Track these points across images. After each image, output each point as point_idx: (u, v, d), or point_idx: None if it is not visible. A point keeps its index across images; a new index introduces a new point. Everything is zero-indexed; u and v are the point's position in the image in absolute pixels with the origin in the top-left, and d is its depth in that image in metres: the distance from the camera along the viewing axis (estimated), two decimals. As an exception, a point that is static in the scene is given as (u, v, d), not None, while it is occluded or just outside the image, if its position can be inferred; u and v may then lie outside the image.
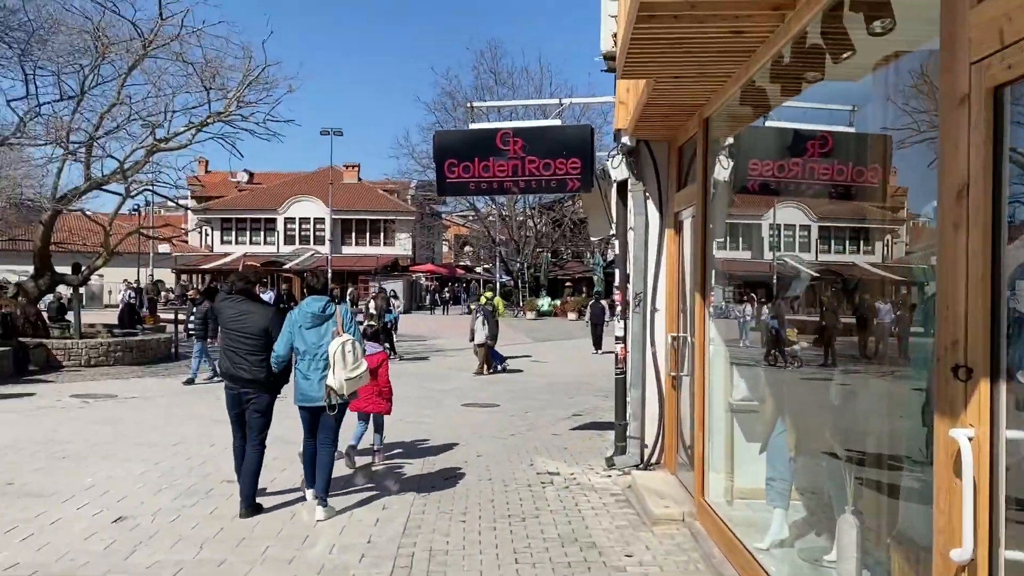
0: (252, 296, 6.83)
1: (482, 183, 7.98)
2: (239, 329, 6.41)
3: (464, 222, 64.12)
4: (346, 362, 6.16)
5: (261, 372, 6.35)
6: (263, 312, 6.61)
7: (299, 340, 6.34)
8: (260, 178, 68.03)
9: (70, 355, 16.46)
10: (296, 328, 6.36)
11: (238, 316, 6.46)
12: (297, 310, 6.52)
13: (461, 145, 8.02)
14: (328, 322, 6.36)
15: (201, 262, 57.02)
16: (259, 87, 17.81)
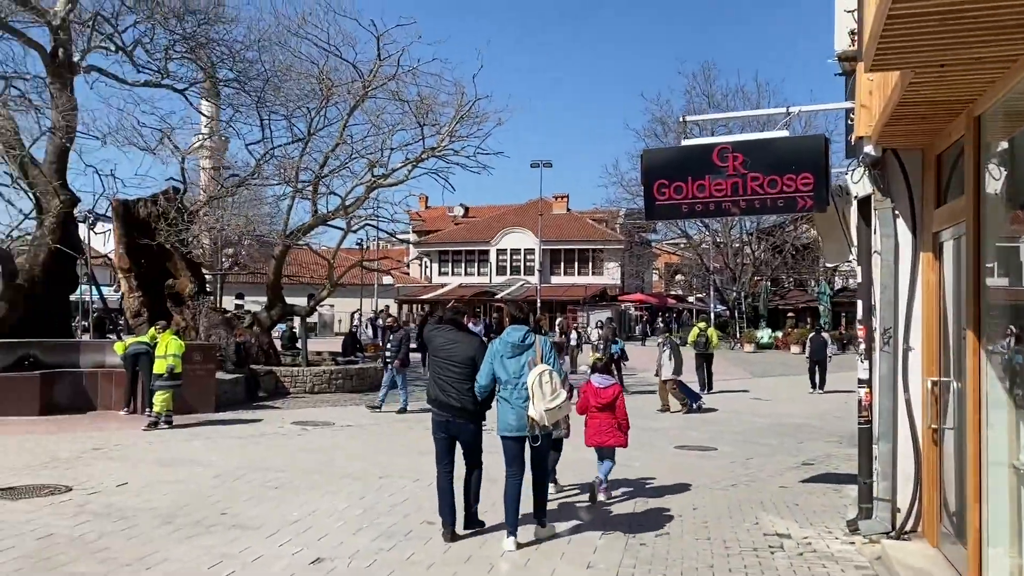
0: (460, 326, 7.01)
1: (696, 204, 7.18)
2: (447, 357, 6.60)
3: (675, 250, 62.58)
4: (544, 392, 6.17)
5: (468, 400, 6.50)
6: (470, 341, 6.76)
7: (500, 369, 6.39)
8: (474, 211, 70.60)
9: (296, 382, 17.35)
10: (497, 357, 6.42)
11: (447, 345, 6.65)
12: (499, 340, 6.57)
13: (672, 164, 7.29)
14: (527, 352, 6.40)
15: (420, 292, 59.78)
16: (470, 121, 18.06)
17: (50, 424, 12.11)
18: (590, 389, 8.03)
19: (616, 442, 7.93)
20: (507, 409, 6.37)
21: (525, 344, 6.41)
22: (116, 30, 19.25)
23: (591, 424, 7.99)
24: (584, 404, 8.03)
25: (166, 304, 19.48)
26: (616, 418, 7.87)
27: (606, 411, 7.92)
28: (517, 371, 6.34)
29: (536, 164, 49.23)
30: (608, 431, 7.84)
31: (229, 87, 20.01)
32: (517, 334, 6.45)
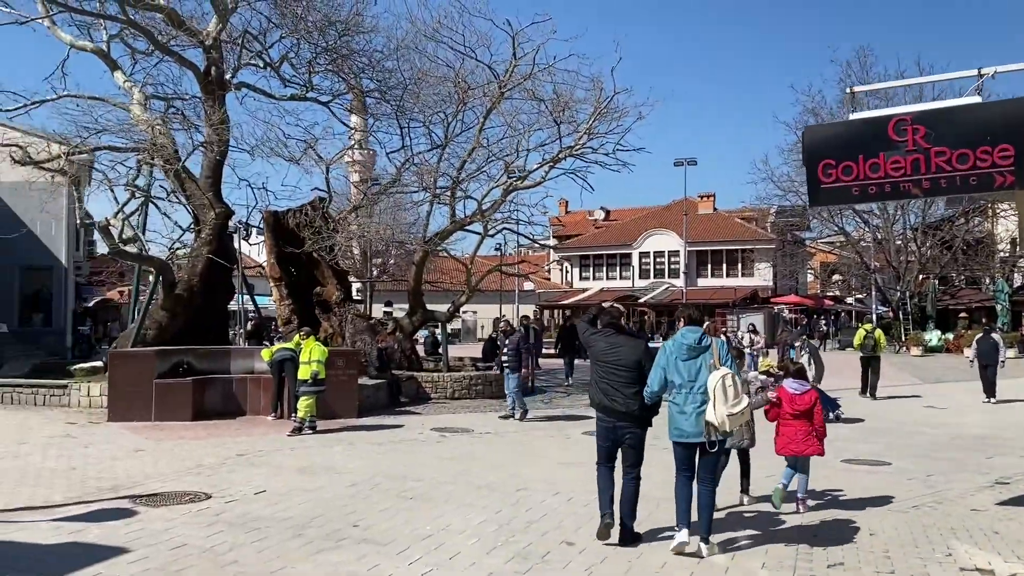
0: (621, 329, 6.81)
1: (870, 187, 6.26)
2: (612, 362, 6.42)
3: (831, 248, 59.13)
4: (727, 397, 5.96)
5: (635, 405, 6.33)
6: (635, 345, 6.56)
7: (674, 373, 6.21)
8: (616, 214, 69.64)
9: (437, 387, 17.26)
10: (671, 360, 6.23)
11: (610, 349, 6.48)
12: (672, 342, 6.39)
13: (840, 141, 6.39)
14: (704, 355, 6.21)
15: (561, 298, 59.44)
16: (608, 117, 17.39)
17: (200, 429, 12.44)
18: (784, 395, 7.66)
19: (814, 451, 7.56)
20: (680, 414, 6.16)
21: (701, 346, 6.21)
22: (264, 48, 19.96)
23: (785, 432, 7.64)
24: (777, 410, 7.67)
25: (314, 311, 19.98)
26: (813, 425, 7.52)
27: (802, 418, 7.55)
28: (692, 374, 6.15)
29: (680, 162, 47.80)
30: (805, 439, 7.49)
31: (370, 97, 20.33)
32: (693, 336, 6.24)
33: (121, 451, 10.49)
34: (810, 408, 7.51)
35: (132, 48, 20.88)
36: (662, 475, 7.38)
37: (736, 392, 6.02)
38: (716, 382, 5.98)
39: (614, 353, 6.43)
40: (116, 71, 20.22)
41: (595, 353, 6.59)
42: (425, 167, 18.26)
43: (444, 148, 18.00)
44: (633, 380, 6.32)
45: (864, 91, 6.54)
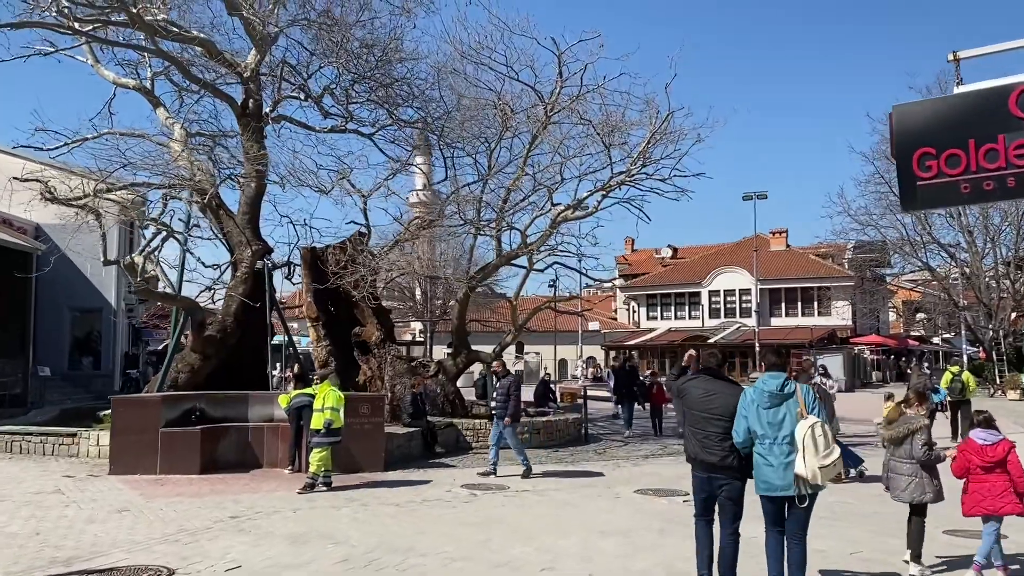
0: (719, 375, 6.47)
1: (985, 181, 4.67)
2: (707, 410, 6.10)
3: (914, 285, 55.78)
4: (817, 448, 5.57)
5: (732, 456, 5.98)
6: (733, 392, 6.16)
7: (756, 422, 5.81)
8: (683, 252, 67.56)
9: (478, 436, 15.80)
10: (752, 408, 5.85)
11: (706, 396, 6.15)
12: (753, 389, 6.00)
13: (943, 122, 4.81)
14: (787, 402, 5.79)
15: (628, 338, 57.44)
16: (664, 140, 15.93)
17: (204, 484, 11.24)
18: (972, 447, 7.01)
19: (1013, 509, 6.79)
20: (766, 466, 5.75)
21: (784, 393, 5.81)
22: (305, 80, 19.25)
23: (975, 489, 6.92)
24: (964, 465, 7.00)
25: (353, 353, 18.87)
26: (1012, 478, 6.78)
27: (995, 471, 6.85)
28: (776, 423, 5.76)
29: (749, 196, 45.68)
30: (1002, 495, 6.76)
31: (413, 127, 19.35)
32: (775, 382, 5.86)
33: (103, 511, 9.32)
34: (1003, 459, 6.81)
35: (177, 85, 20.49)
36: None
37: (827, 442, 5.62)
38: (805, 432, 5.59)
39: (710, 401, 6.11)
40: (158, 108, 19.79)
41: (689, 401, 6.24)
42: (466, 197, 17.04)
43: (488, 177, 16.76)
44: (730, 430, 5.97)
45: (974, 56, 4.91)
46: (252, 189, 18.73)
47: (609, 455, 15.51)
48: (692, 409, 6.21)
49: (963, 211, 41.81)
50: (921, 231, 43.01)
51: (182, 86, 20.31)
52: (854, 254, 52.20)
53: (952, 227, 42.69)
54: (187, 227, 18.73)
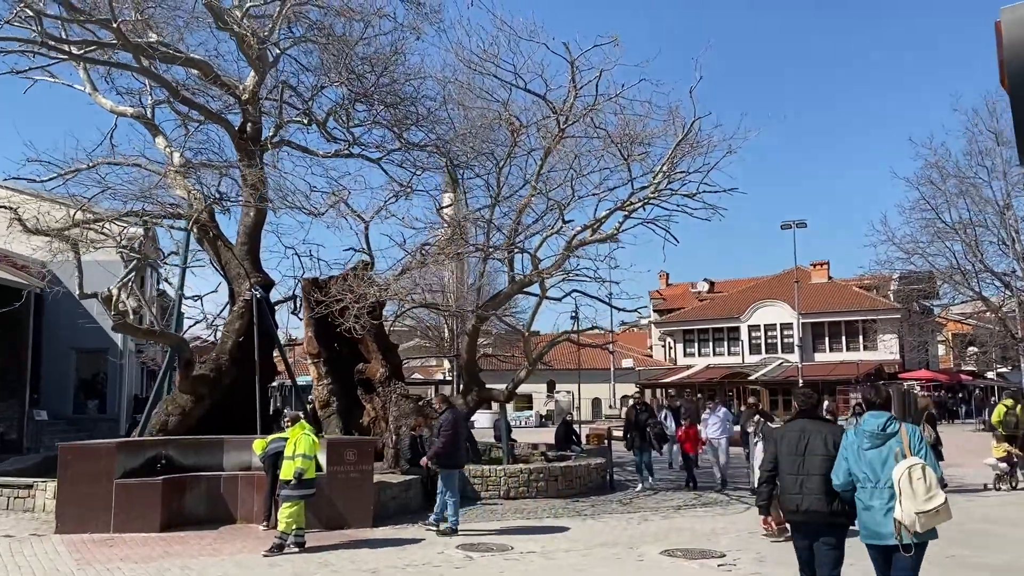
0: (814, 415, 6.33)
1: None
2: (805, 453, 5.85)
3: (964, 317, 53.03)
4: (915, 491, 5.11)
5: (830, 499, 5.68)
6: (831, 430, 5.97)
7: (856, 464, 5.49)
8: (720, 286, 65.51)
9: (488, 484, 14.14)
10: (852, 450, 5.56)
11: (802, 438, 5.93)
12: (853, 430, 5.73)
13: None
14: (891, 441, 5.42)
15: (664, 375, 55.32)
16: (691, 151, 14.38)
17: (159, 545, 9.74)
18: None
19: None
20: (869, 512, 5.42)
21: (887, 433, 5.50)
22: (307, 101, 18.14)
23: None
24: None
25: (356, 392, 17.42)
26: None
27: None
28: (879, 465, 5.43)
29: (788, 225, 43.85)
30: None
31: (421, 150, 18.05)
32: (876, 422, 5.56)
33: (20, 582, 7.88)
34: None
35: (179, 114, 19.53)
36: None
37: (928, 486, 5.17)
38: (901, 474, 5.22)
39: (806, 442, 5.87)
40: (158, 136, 18.83)
41: (786, 446, 5.99)
42: (475, 219, 15.61)
43: (498, 197, 15.31)
44: (830, 471, 5.68)
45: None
46: (251, 218, 17.55)
47: (635, 506, 13.73)
48: (788, 453, 5.93)
49: (1017, 238, 39.51)
50: (973, 259, 40.63)
51: (184, 114, 19.37)
52: (900, 285, 49.78)
53: (1006, 254, 40.23)
54: (183, 258, 17.60)
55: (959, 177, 40.42)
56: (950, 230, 40.70)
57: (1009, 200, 39.43)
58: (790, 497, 5.88)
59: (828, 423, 6.23)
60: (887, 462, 5.36)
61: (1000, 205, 39.75)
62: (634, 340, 75.45)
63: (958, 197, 40.46)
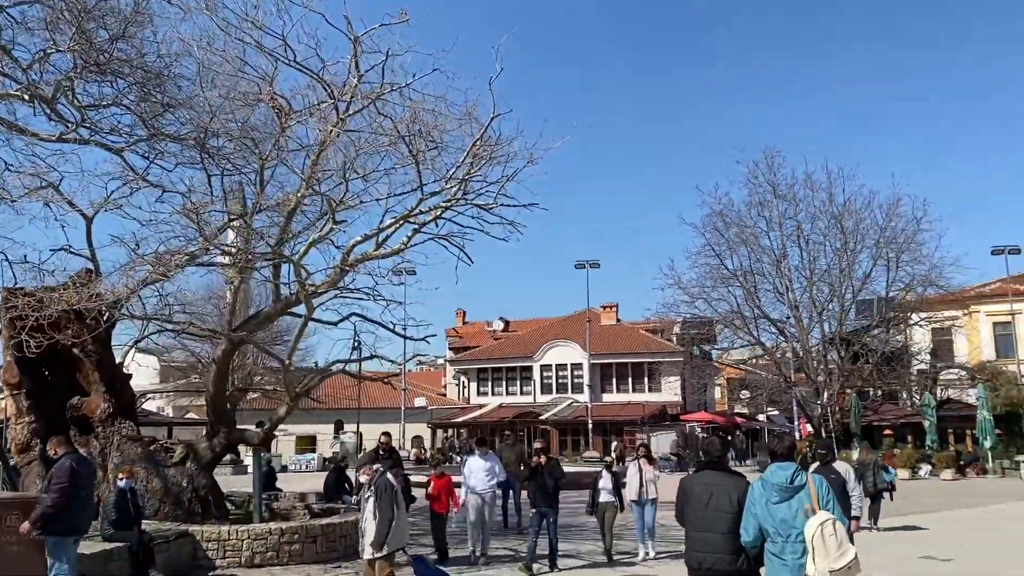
0: (722, 466, 5.95)
1: None
2: (710, 507, 5.56)
3: (736, 363, 55.89)
4: (828, 548, 5.02)
5: (742, 558, 5.44)
6: (736, 483, 5.66)
7: (766, 519, 5.28)
8: (515, 325, 65.27)
9: (225, 549, 11.25)
10: (761, 504, 5.33)
11: (708, 492, 5.64)
12: (761, 482, 5.47)
13: None
14: (800, 494, 5.26)
15: (457, 415, 53.59)
16: (490, 157, 12.56)
17: None
18: None
19: None
20: (781, 567, 5.21)
21: (795, 486, 5.28)
22: (25, 70, 14.53)
23: None
24: None
25: (69, 432, 13.84)
26: None
27: None
28: (789, 519, 5.22)
29: (582, 264, 43.98)
30: None
31: (173, 141, 14.94)
32: (784, 474, 5.35)
33: None
34: None
35: None
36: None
37: (839, 541, 5.03)
38: (814, 531, 5.05)
39: (709, 497, 5.58)
40: None
41: (690, 501, 5.69)
42: (232, 224, 12.83)
43: (259, 194, 12.63)
44: (737, 528, 5.42)
45: None
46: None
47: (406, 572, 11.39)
48: (694, 509, 5.67)
49: (790, 286, 41.87)
50: (752, 305, 42.54)
51: None
52: (683, 329, 51.58)
53: (781, 302, 42.45)
54: None
55: (740, 226, 42.47)
56: (732, 276, 42.53)
57: (785, 250, 41.88)
58: (694, 554, 5.64)
59: (734, 475, 5.84)
60: (797, 515, 5.20)
61: (776, 255, 42.08)
62: (429, 379, 73.45)
63: (739, 245, 42.41)
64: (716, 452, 6.07)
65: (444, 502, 12.20)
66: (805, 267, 41.93)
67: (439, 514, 12.18)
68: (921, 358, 44.72)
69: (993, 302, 46.17)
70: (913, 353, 44.84)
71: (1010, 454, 35.59)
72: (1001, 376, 40.62)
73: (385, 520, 8.17)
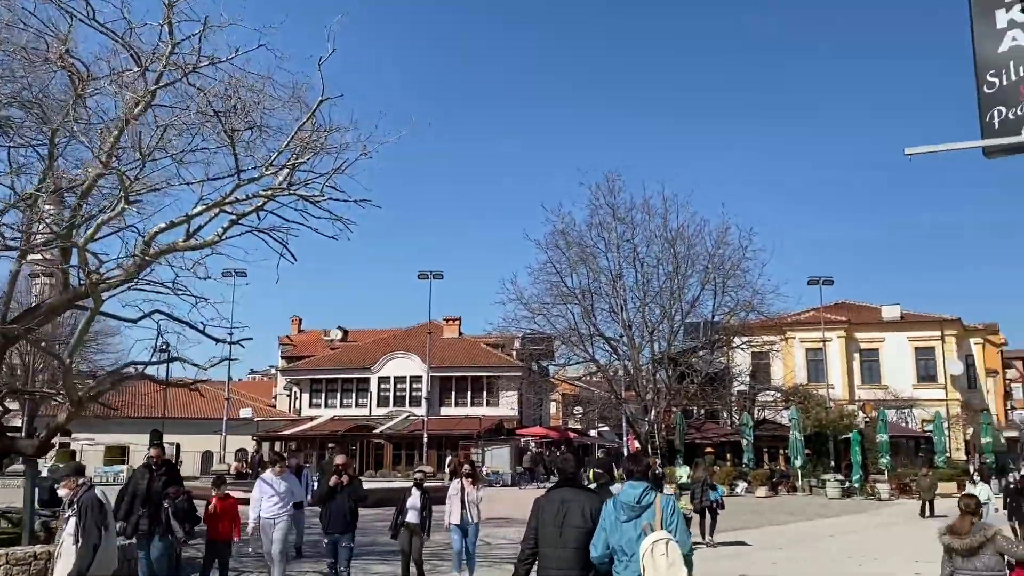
0: (576, 482, 5.86)
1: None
2: (563, 525, 5.49)
3: (570, 379, 56.94)
4: (656, 566, 5.04)
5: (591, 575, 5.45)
6: (591, 500, 5.62)
7: (614, 536, 5.29)
8: (354, 335, 63.46)
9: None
10: (611, 521, 5.33)
11: (561, 510, 5.54)
12: (613, 500, 5.48)
13: None
14: (646, 513, 5.29)
15: (286, 427, 51.21)
16: (319, 147, 11.66)
17: None
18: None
19: None
20: None
21: (642, 504, 5.30)
22: None
23: None
24: None
25: None
26: None
27: None
28: (634, 538, 5.24)
29: (424, 275, 43.25)
30: None
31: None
32: (633, 492, 5.35)
33: None
34: None
35: None
36: None
37: (670, 561, 5.05)
38: (645, 549, 5.09)
39: (564, 513, 5.50)
40: None
41: (546, 517, 5.56)
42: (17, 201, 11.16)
43: (46, 171, 11.08)
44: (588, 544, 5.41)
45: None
46: None
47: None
48: (549, 526, 5.52)
49: (625, 306, 43.04)
50: (588, 323, 43.37)
51: None
52: (523, 344, 51.97)
53: (616, 321, 43.51)
54: None
55: (581, 245, 43.32)
56: (571, 294, 43.25)
57: (621, 271, 43.04)
58: (547, 572, 5.55)
59: (588, 492, 5.83)
60: (641, 535, 5.22)
61: (612, 275, 43.17)
62: (259, 388, 70.14)
63: (580, 263, 43.22)
64: (571, 469, 5.96)
65: (227, 527, 10.40)
66: (639, 288, 43.23)
67: (219, 542, 10.37)
68: (741, 379, 47.13)
69: (807, 329, 49.53)
70: (734, 375, 47.25)
71: (817, 473, 38.00)
72: (811, 399, 43.42)
73: (89, 545, 6.52)
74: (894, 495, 33.29)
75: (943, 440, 39.82)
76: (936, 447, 39.57)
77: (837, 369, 50.02)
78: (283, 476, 11.11)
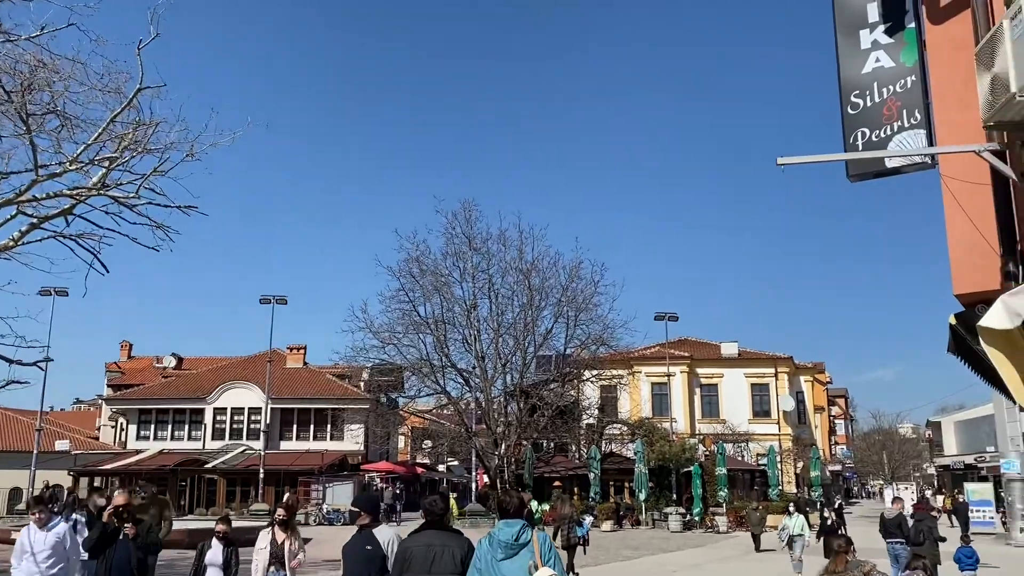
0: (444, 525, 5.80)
1: None
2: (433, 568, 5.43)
3: (419, 412, 55.67)
4: None
5: None
6: (459, 543, 5.59)
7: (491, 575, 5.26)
8: (190, 363, 59.46)
9: None
10: (487, 561, 5.30)
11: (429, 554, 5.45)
12: (487, 539, 5.49)
13: None
14: (524, 551, 5.30)
15: (107, 460, 46.89)
16: (141, 145, 10.30)
17: None
18: None
19: None
20: None
21: (520, 542, 5.31)
22: None
23: None
24: None
25: None
26: None
27: None
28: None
29: (267, 299, 40.95)
30: None
31: None
32: (510, 531, 5.36)
33: None
34: None
35: None
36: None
37: None
38: None
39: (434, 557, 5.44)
40: None
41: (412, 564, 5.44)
42: None
43: None
44: None
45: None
46: None
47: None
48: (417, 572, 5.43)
49: (479, 337, 42.51)
50: (440, 353, 42.49)
51: None
52: (371, 375, 50.31)
53: (469, 352, 42.87)
54: None
55: (436, 274, 42.53)
56: (424, 323, 42.28)
57: (476, 301, 42.52)
58: None
59: (455, 534, 5.76)
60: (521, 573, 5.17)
61: (467, 305, 42.59)
62: (82, 419, 64.34)
63: (433, 293, 42.38)
64: (439, 511, 5.81)
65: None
66: (493, 319, 42.83)
67: None
68: (590, 412, 47.55)
69: (653, 364, 50.81)
70: (584, 408, 47.62)
71: (660, 506, 38.64)
72: (656, 432, 44.29)
73: None
74: (731, 527, 34.22)
75: (776, 473, 41.58)
76: (770, 480, 41.23)
77: (680, 403, 51.50)
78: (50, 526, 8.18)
